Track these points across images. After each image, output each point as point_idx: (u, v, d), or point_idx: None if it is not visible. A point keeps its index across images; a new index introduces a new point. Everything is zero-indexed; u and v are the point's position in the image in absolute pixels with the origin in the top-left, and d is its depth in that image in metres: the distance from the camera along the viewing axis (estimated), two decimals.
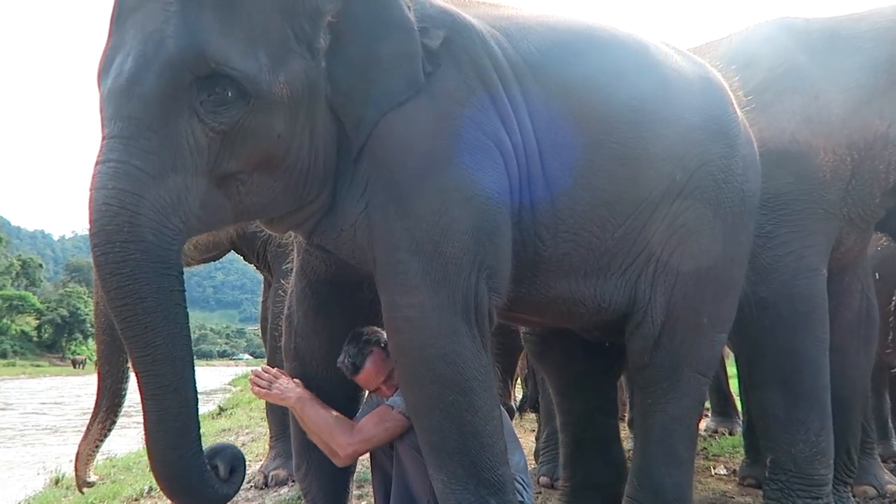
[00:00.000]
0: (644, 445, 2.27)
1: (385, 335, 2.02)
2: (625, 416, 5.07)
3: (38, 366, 43.04)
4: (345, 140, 1.85)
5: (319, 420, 2.05)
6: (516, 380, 5.20)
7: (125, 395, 3.42)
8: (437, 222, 1.77)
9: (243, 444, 6.02)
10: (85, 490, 3.87)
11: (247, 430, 7.05)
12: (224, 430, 7.51)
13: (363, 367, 2.08)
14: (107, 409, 3.35)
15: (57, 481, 5.73)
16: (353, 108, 1.82)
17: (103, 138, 1.64)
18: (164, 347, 1.65)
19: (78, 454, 3.35)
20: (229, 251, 3.94)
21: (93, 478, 3.40)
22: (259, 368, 2.20)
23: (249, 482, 3.85)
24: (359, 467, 2.52)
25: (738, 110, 2.33)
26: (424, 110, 1.83)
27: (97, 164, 1.63)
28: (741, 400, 4.14)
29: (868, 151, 2.49)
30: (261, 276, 4.17)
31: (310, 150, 1.80)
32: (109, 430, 3.40)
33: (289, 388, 2.09)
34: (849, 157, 2.49)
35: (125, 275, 1.60)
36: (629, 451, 3.81)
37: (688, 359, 2.24)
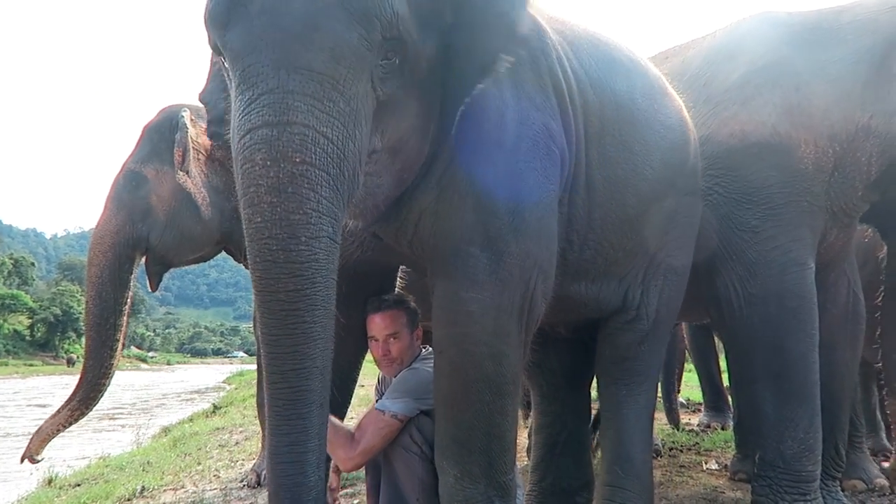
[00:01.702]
0: (622, 434, 2.31)
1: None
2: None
3: (31, 365, 42.82)
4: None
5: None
6: None
7: (104, 390, 3.44)
8: (511, 222, 1.76)
9: (237, 443, 6.03)
10: (77, 490, 3.88)
11: (240, 429, 7.04)
12: (218, 429, 7.49)
13: (389, 310, 2.11)
14: (80, 400, 3.40)
15: (50, 481, 5.69)
16: (452, 85, 1.69)
17: (261, 91, 1.34)
18: (319, 361, 1.40)
19: (39, 430, 3.39)
20: (220, 251, 3.93)
21: (41, 457, 3.45)
22: None
23: (242, 481, 3.87)
24: None
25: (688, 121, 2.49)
26: (509, 110, 1.81)
27: (259, 126, 1.33)
28: (732, 395, 4.17)
29: (850, 143, 2.48)
30: None
31: (426, 130, 1.71)
32: (76, 420, 3.46)
33: None
34: (830, 148, 2.48)
35: (305, 277, 1.33)
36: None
37: (661, 352, 2.49)
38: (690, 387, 7.93)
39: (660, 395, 6.59)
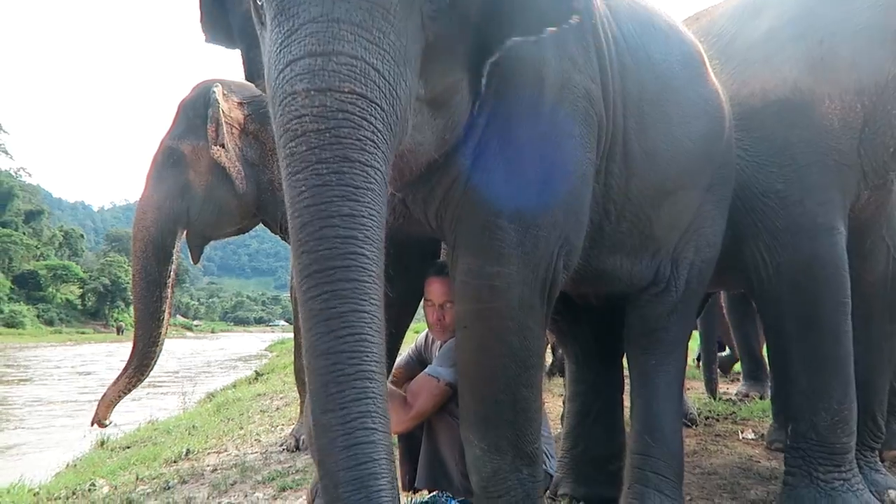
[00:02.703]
0: (652, 403, 2.31)
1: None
2: None
3: (83, 333, 44.55)
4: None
5: None
6: (547, 345, 5.24)
7: (156, 358, 3.61)
8: (541, 193, 1.71)
9: (277, 409, 6.21)
10: (127, 452, 4.09)
11: (280, 395, 7.24)
12: (259, 395, 7.72)
13: (449, 276, 2.01)
14: (135, 368, 3.58)
15: (102, 443, 5.98)
16: (486, 39, 1.55)
17: (303, 21, 1.22)
18: (377, 310, 1.21)
19: (104, 396, 3.60)
20: (258, 223, 4.00)
21: (108, 421, 3.69)
22: None
23: (282, 445, 3.99)
24: None
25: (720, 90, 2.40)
26: (549, 71, 1.71)
27: (301, 57, 1.20)
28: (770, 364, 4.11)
29: (880, 97, 2.31)
30: None
31: (469, 87, 1.59)
32: (135, 386, 3.66)
33: None
34: (858, 103, 2.33)
35: (362, 203, 1.18)
36: None
37: (690, 322, 2.46)
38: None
39: (696, 363, 6.57)
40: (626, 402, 2.48)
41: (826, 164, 2.36)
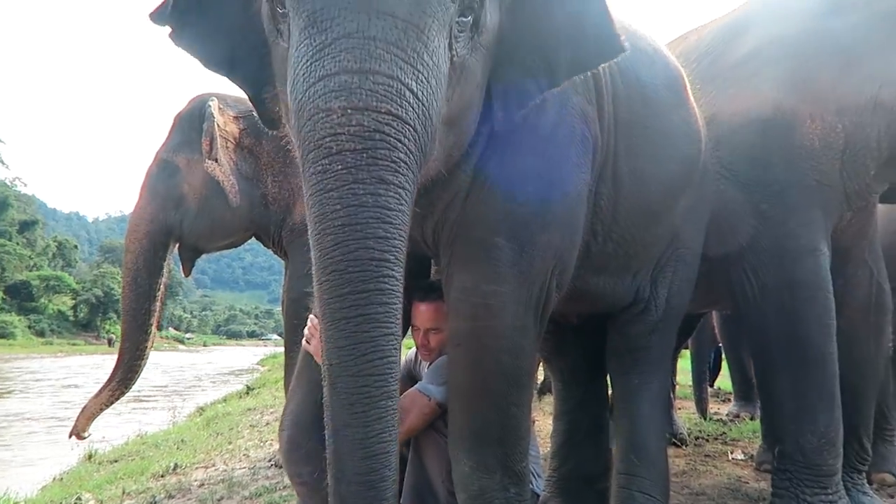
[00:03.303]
0: (636, 423, 2.31)
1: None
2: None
3: (74, 344, 44.18)
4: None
5: None
6: (538, 364, 5.24)
7: (140, 371, 3.61)
8: (537, 213, 1.72)
9: (267, 423, 6.18)
10: (114, 465, 4.06)
11: (271, 410, 7.20)
12: (250, 409, 7.68)
13: (434, 302, 2.03)
14: (119, 381, 3.58)
15: (90, 457, 5.93)
16: (518, 76, 1.61)
17: (336, 36, 1.21)
18: (398, 329, 1.29)
19: (85, 408, 3.58)
20: (250, 237, 4.01)
21: (87, 433, 3.68)
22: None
23: (270, 460, 3.97)
24: None
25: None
26: (553, 91, 1.72)
27: (335, 73, 1.19)
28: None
29: (859, 118, 2.32)
30: None
31: (476, 107, 1.60)
32: (117, 398, 3.68)
33: None
34: (839, 123, 2.33)
35: (395, 225, 1.21)
36: None
37: (672, 341, 2.47)
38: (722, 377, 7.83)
39: (689, 383, 6.56)
40: None
41: (808, 184, 2.37)
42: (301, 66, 1.23)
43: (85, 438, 3.72)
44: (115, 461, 5.53)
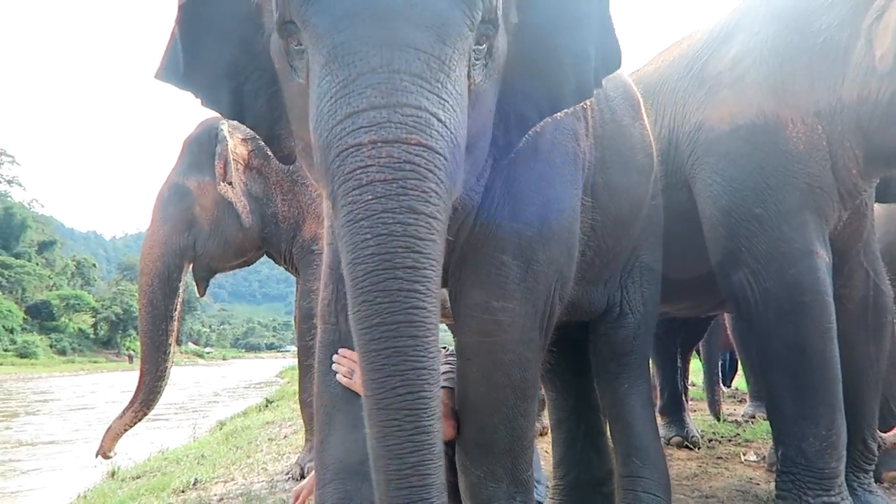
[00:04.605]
0: (633, 426, 2.37)
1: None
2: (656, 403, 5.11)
3: (95, 362, 44.75)
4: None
5: None
6: None
7: (162, 391, 3.69)
8: (540, 231, 1.79)
9: (285, 436, 6.25)
10: (137, 482, 4.14)
11: (289, 423, 7.28)
12: (268, 423, 7.76)
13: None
14: (141, 402, 3.66)
15: (113, 474, 6.02)
16: (520, 103, 1.61)
17: (360, 72, 1.20)
18: (436, 361, 1.25)
19: (109, 429, 3.67)
20: (262, 255, 4.10)
21: (113, 453, 3.76)
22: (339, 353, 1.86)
23: (288, 473, 4.04)
24: None
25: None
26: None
27: (364, 109, 1.18)
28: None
29: (832, 118, 2.33)
30: None
31: (489, 132, 1.59)
32: (140, 419, 3.75)
33: None
34: (819, 125, 2.35)
35: (424, 255, 1.18)
36: None
37: (650, 345, 2.60)
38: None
39: (701, 384, 6.55)
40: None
41: (798, 186, 2.38)
42: (325, 103, 1.22)
43: (110, 458, 3.82)
44: (138, 477, 5.62)
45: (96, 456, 3.75)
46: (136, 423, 3.72)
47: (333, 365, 1.81)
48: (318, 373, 1.94)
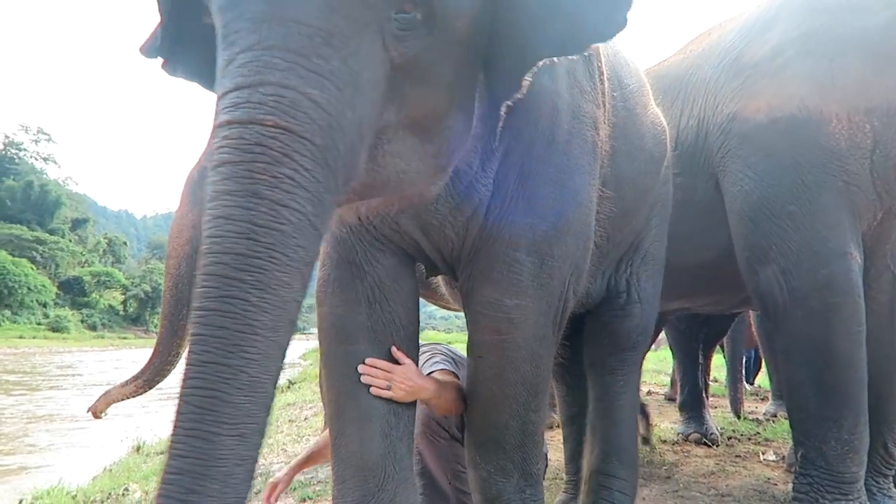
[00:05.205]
0: (616, 426, 2.38)
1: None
2: (676, 398, 5.08)
3: (124, 338, 45.71)
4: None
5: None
6: None
7: (168, 374, 3.73)
8: (555, 225, 1.75)
9: (305, 418, 6.34)
10: (161, 457, 4.22)
11: (310, 405, 7.37)
12: (289, 404, 7.87)
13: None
14: (145, 381, 3.68)
15: (138, 449, 6.18)
16: (509, 56, 1.44)
17: (239, 50, 1.12)
18: (254, 368, 1.06)
19: (108, 392, 3.71)
20: None
21: (104, 414, 3.78)
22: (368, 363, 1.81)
23: None
24: None
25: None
26: (563, 103, 1.70)
27: (238, 87, 1.10)
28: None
29: (890, 118, 2.26)
30: None
31: (466, 110, 1.47)
32: (139, 394, 3.73)
33: (416, 378, 1.83)
34: (868, 124, 2.28)
35: (261, 244, 1.06)
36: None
37: (649, 343, 2.58)
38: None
39: (723, 380, 6.49)
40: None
41: (835, 185, 2.33)
42: (217, 82, 1.17)
43: (101, 418, 3.87)
44: (161, 453, 5.71)
45: (87, 411, 3.82)
46: (134, 397, 3.77)
47: (364, 377, 1.78)
48: (323, 363, 1.93)
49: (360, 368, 1.78)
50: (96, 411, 3.77)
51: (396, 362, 1.82)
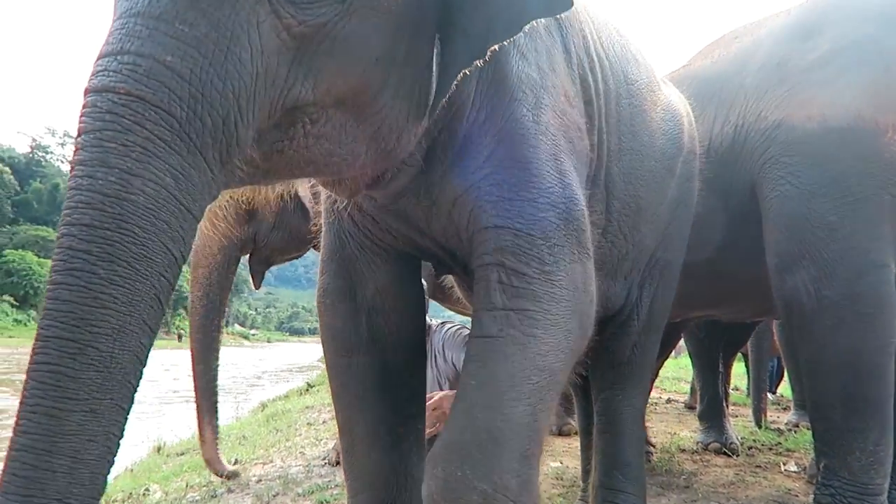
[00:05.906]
0: (620, 440, 2.35)
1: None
2: (695, 407, 5.03)
3: None
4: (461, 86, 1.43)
5: None
6: None
7: (217, 388, 3.62)
8: (536, 206, 1.63)
9: (323, 421, 6.37)
10: (180, 458, 4.21)
11: (328, 408, 7.38)
12: (308, 407, 7.91)
13: None
14: (208, 410, 3.49)
15: (158, 449, 6.24)
16: (470, 30, 1.35)
17: (114, 18, 1.10)
18: (104, 344, 1.02)
19: (205, 451, 3.58)
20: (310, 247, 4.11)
21: (229, 467, 3.65)
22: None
23: (324, 458, 4.12)
24: None
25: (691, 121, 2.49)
26: (548, 96, 1.59)
27: (101, 55, 1.07)
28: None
29: None
30: None
31: (413, 89, 1.35)
32: (216, 423, 3.55)
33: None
34: None
35: (109, 214, 1.02)
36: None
37: (654, 352, 2.55)
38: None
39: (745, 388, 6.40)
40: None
41: (882, 198, 2.30)
42: None
43: (231, 476, 3.72)
44: (182, 454, 5.81)
45: (218, 475, 3.68)
46: (217, 431, 3.62)
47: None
48: (328, 374, 1.92)
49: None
50: (220, 473, 3.57)
51: (414, 383, 1.86)
